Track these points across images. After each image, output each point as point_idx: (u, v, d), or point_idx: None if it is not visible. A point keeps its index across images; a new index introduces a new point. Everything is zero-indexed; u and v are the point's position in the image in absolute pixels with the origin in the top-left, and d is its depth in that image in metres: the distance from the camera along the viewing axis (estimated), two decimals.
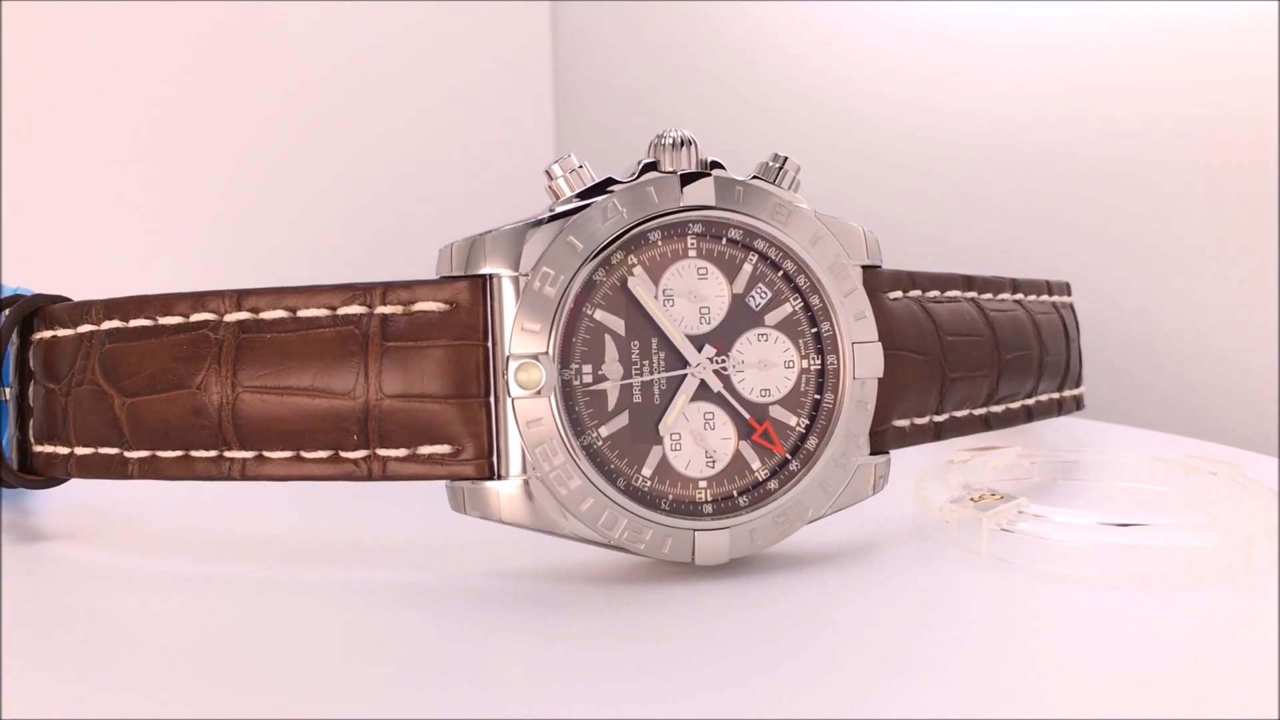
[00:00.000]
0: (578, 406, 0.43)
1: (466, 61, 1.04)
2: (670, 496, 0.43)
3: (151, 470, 0.45)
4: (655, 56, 1.04)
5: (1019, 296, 0.56)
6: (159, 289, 0.47)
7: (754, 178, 0.45)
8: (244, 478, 0.44)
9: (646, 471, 0.43)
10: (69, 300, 0.50)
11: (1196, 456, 0.54)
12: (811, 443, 0.45)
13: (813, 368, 0.45)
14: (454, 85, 1.03)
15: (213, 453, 0.44)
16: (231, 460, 0.44)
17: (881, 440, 0.47)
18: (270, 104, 0.93)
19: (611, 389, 0.43)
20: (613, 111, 1.04)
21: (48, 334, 0.49)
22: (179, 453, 0.45)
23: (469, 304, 0.42)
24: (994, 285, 0.54)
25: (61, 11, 0.80)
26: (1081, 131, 0.81)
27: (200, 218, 0.89)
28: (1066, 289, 0.63)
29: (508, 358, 0.41)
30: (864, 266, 0.46)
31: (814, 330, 0.45)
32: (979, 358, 0.51)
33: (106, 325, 0.46)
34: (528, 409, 0.41)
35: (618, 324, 0.43)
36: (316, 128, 0.97)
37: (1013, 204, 0.85)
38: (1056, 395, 0.60)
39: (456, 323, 0.42)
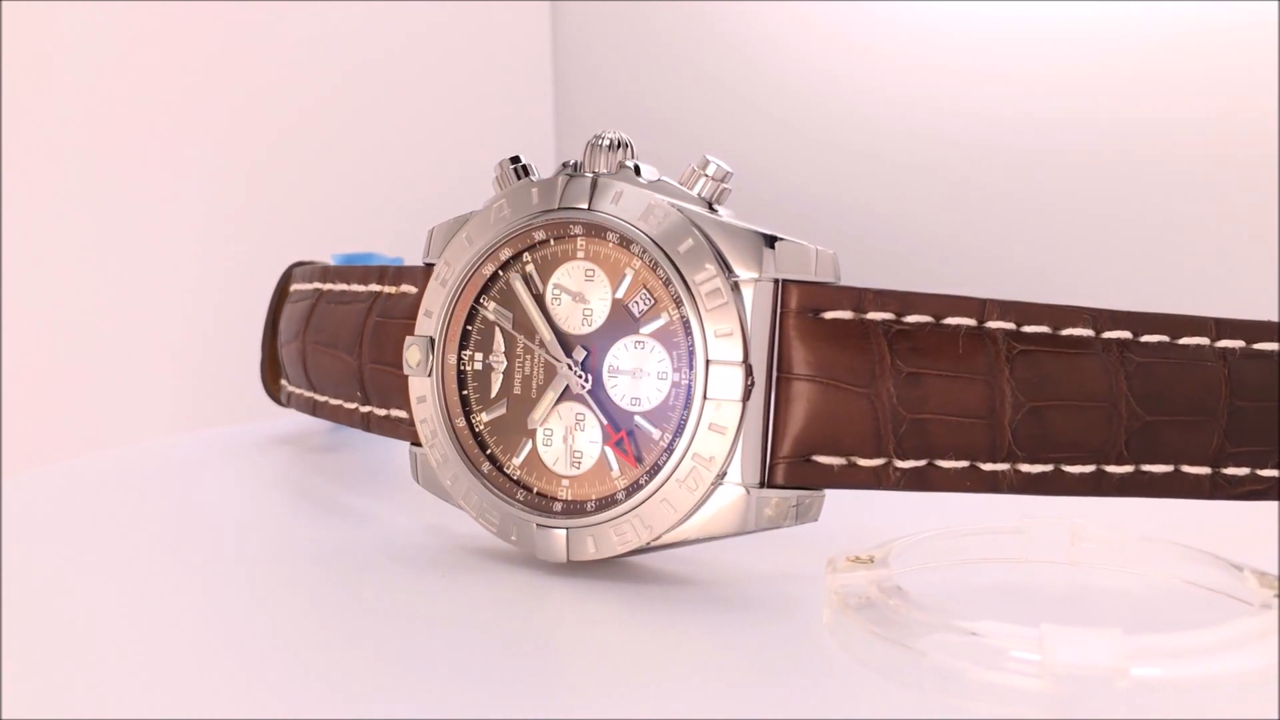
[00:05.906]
0: (466, 390, 0.46)
1: (467, 61, 1.01)
2: (535, 490, 0.45)
3: (291, 402, 0.59)
4: (655, 58, 0.96)
5: (1116, 334, 0.42)
6: None
7: (659, 180, 0.43)
8: (317, 415, 0.56)
9: (517, 461, 0.45)
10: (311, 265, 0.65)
11: None
12: (663, 459, 0.42)
13: (683, 382, 0.42)
14: (454, 85, 1.01)
15: (309, 394, 0.56)
16: (317, 402, 0.56)
17: (797, 474, 0.42)
18: (268, 104, 0.96)
19: (495, 378, 0.46)
20: (613, 111, 0.96)
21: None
22: (300, 391, 0.58)
23: (424, 289, 0.48)
24: (1051, 315, 0.42)
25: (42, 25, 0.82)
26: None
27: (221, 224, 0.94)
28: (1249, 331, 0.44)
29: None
30: (787, 281, 0.42)
31: (687, 343, 0.42)
32: (964, 400, 0.41)
33: (291, 288, 0.61)
34: (415, 386, 0.47)
35: (506, 317, 0.46)
36: (316, 127, 0.98)
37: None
38: (1199, 470, 0.43)
39: (415, 305, 0.49)
